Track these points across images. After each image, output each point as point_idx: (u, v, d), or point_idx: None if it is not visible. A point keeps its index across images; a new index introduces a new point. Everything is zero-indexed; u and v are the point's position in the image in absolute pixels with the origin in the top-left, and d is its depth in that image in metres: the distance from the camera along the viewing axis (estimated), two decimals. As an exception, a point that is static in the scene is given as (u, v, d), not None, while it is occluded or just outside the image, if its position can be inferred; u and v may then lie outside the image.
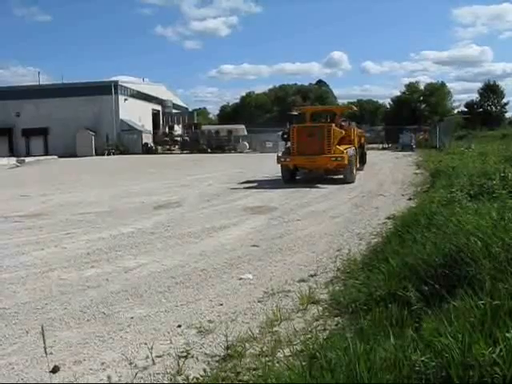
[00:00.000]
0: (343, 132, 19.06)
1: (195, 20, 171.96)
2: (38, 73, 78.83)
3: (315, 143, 18.14)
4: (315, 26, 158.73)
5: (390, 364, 3.18)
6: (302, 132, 18.80)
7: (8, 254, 8.09)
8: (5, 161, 39.06)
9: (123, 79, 58.50)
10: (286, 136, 20.50)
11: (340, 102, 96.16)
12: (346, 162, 17.77)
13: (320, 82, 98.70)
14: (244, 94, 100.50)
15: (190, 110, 79.91)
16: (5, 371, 4.13)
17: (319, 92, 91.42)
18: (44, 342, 3.46)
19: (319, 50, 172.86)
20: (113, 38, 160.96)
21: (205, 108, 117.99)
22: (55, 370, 4.10)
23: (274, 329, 4.75)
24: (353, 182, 18.14)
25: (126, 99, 54.65)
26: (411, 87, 79.76)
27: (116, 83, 53.78)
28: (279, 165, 19.16)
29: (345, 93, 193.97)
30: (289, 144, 19.61)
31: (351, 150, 18.82)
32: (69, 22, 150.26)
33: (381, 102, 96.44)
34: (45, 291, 6.17)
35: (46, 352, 3.54)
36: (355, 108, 27.69)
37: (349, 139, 20.03)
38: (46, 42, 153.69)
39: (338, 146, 18.31)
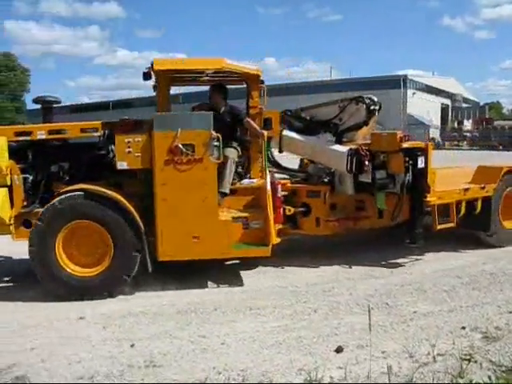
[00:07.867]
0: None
1: (487, 8, 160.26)
2: (330, 68, 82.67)
3: None
4: None
5: None
6: None
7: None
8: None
9: (411, 73, 57.89)
10: None
11: None
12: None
13: None
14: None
15: (481, 104, 75.63)
16: (295, 343, 4.54)
17: None
18: (369, 320, 3.82)
19: None
20: (399, 32, 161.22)
21: (498, 102, 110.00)
22: (339, 350, 4.36)
23: None
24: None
25: (414, 93, 54.13)
26: None
27: (405, 77, 53.64)
28: None
29: None
30: None
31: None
32: (358, 19, 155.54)
33: None
34: (332, 276, 6.62)
35: (370, 329, 3.86)
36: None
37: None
38: (336, 40, 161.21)
39: None
